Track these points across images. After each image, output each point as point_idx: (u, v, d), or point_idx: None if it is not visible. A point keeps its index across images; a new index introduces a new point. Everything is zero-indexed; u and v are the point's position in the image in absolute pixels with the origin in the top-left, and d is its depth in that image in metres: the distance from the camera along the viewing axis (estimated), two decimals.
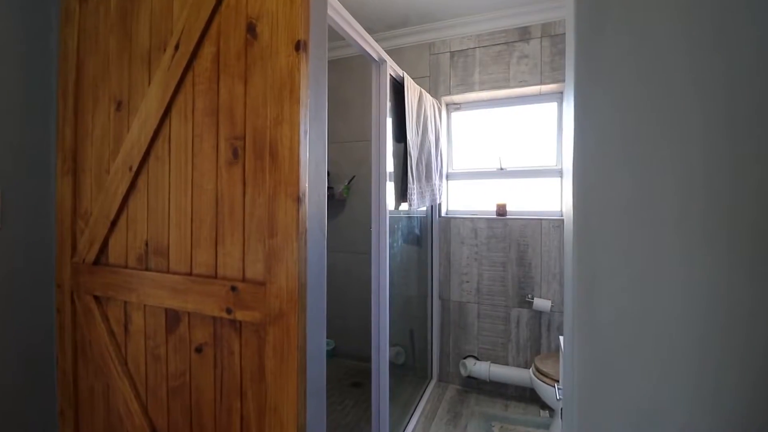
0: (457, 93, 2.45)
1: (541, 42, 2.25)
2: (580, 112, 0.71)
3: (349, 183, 2.76)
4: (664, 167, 0.65)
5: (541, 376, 1.82)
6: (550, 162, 2.43)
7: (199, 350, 0.92)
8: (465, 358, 2.47)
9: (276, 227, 0.79)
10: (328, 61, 0.97)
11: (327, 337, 2.89)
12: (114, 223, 1.06)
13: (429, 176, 2.13)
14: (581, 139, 0.71)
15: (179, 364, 0.95)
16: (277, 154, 0.80)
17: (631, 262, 0.66)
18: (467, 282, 2.47)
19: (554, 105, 2.40)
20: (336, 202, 2.84)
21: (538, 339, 2.31)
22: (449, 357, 2.53)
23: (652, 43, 0.66)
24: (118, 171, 1.04)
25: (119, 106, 1.08)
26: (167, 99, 0.95)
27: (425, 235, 2.52)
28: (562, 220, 2.24)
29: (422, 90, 2.06)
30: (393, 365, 2.37)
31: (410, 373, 2.48)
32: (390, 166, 1.83)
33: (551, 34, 2.22)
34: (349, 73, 2.77)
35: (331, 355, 2.82)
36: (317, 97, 0.87)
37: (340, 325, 2.82)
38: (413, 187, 1.95)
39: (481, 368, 2.36)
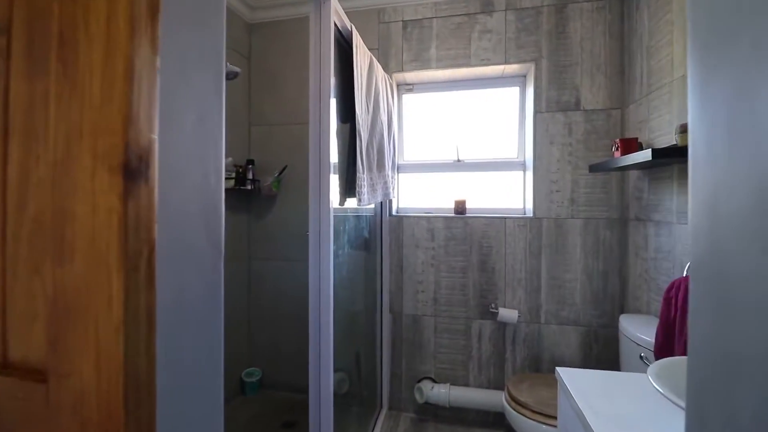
0: (412, 70, 2.08)
1: (505, 15, 1.97)
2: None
3: (279, 175, 2.25)
4: None
5: (518, 407, 1.51)
6: (512, 154, 2.17)
7: None
8: (420, 381, 2.11)
9: (72, 239, 0.32)
10: (250, 24, 0.50)
11: (252, 366, 2.36)
12: None
13: (381, 165, 1.73)
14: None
15: None
16: (78, 57, 0.33)
17: None
18: (422, 292, 2.12)
19: (516, 90, 2.14)
20: (263, 199, 2.31)
21: (502, 354, 2.03)
22: (402, 381, 2.16)
23: None
24: None
25: None
26: None
27: (374, 237, 2.12)
28: (528, 218, 1.98)
29: (372, 56, 1.65)
30: (335, 396, 1.94)
31: (356, 403, 2.06)
32: (334, 152, 1.40)
33: (517, 7, 1.95)
34: (280, 40, 2.27)
35: (257, 387, 2.28)
36: None
37: (269, 350, 2.30)
38: (363, 177, 1.53)
39: (439, 392, 2.02)
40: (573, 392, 0.94)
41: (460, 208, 2.11)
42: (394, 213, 2.21)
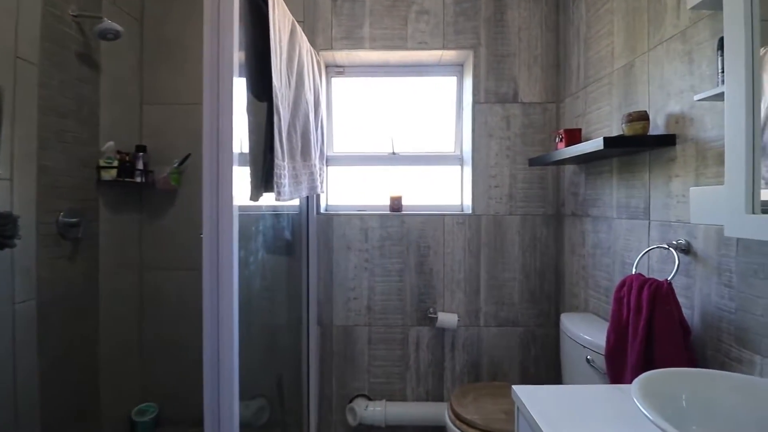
0: (342, 49, 1.84)
1: None
2: None
3: (180, 165, 1.85)
4: None
5: (464, 427, 1.35)
6: (449, 148, 2.04)
7: None
8: (353, 399, 1.87)
9: None
10: None
11: (146, 401, 1.91)
12: None
13: (306, 153, 1.46)
14: None
15: None
16: None
17: None
18: (355, 299, 1.88)
19: (453, 80, 2.02)
20: (158, 194, 1.88)
21: (441, 362, 1.88)
22: (332, 402, 1.89)
23: None
24: None
25: None
26: None
27: (298, 239, 1.83)
28: (467, 215, 1.86)
29: (296, 23, 1.37)
30: (251, 428, 1.61)
31: None
32: (242, 141, 1.12)
33: None
34: (181, 1, 1.87)
35: (152, 426, 1.84)
36: None
37: (168, 380, 1.87)
38: (284, 166, 1.25)
39: (374, 411, 1.80)
40: (537, 417, 0.78)
41: (396, 204, 1.92)
42: (322, 211, 1.94)
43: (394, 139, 2.02)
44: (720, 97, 0.87)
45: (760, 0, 0.70)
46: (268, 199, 1.31)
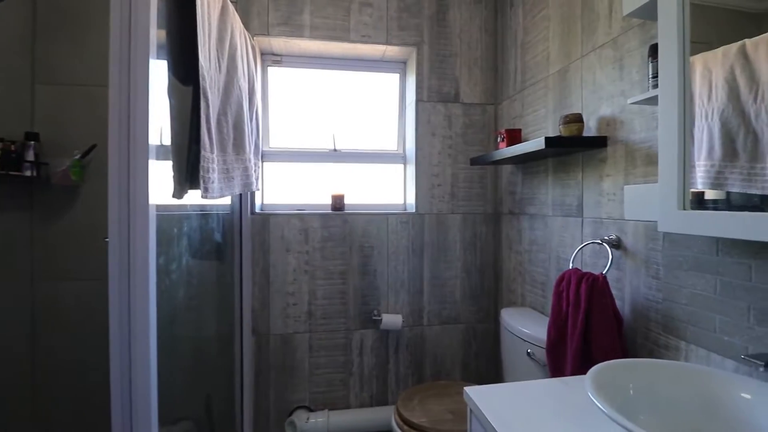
0: (280, 35, 1.71)
1: None
2: None
3: (83, 157, 1.58)
4: None
5: (412, 431, 1.31)
6: (392, 146, 2.01)
7: None
8: (293, 412, 1.75)
9: None
10: None
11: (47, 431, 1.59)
12: None
13: (240, 145, 1.32)
14: None
15: None
16: None
17: None
18: (294, 305, 1.76)
19: (396, 77, 1.99)
20: (55, 191, 1.59)
21: (385, 365, 1.84)
22: (269, 417, 1.75)
23: None
24: None
25: None
26: None
27: (230, 242, 1.66)
28: (411, 214, 1.84)
29: (228, 1, 1.23)
30: None
31: None
32: (162, 130, 0.97)
33: None
34: None
35: None
36: None
37: (67, 413, 1.59)
38: (213, 159, 1.10)
39: (316, 422, 1.70)
40: (491, 419, 0.76)
41: (338, 203, 1.83)
42: (257, 210, 1.79)
43: (335, 136, 1.93)
44: (650, 101, 0.93)
45: (691, 10, 0.75)
46: (196, 197, 1.16)
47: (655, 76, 0.90)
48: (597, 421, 0.75)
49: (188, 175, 1.11)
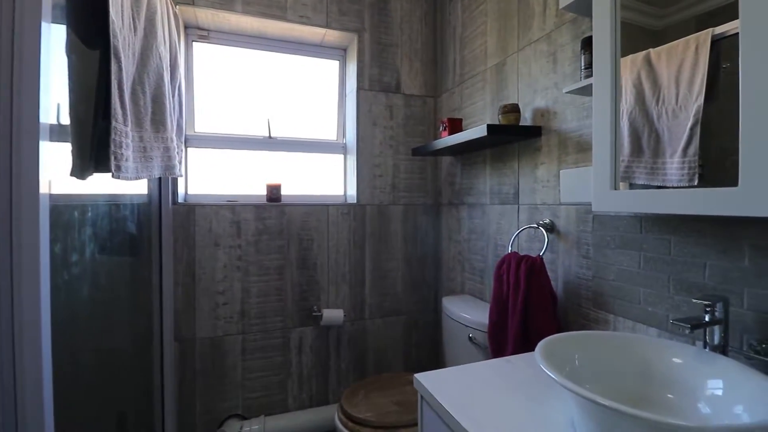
0: (207, 7, 1.55)
1: None
2: None
3: None
4: None
5: (358, 428, 1.26)
6: (332, 135, 1.94)
7: None
8: (224, 422, 1.59)
9: None
10: None
11: None
12: None
13: (160, 121, 1.15)
14: None
15: None
16: None
17: None
18: (225, 305, 1.61)
19: (336, 65, 1.92)
20: None
21: (326, 363, 1.76)
22: (195, 430, 1.58)
23: None
24: None
25: None
26: None
27: (147, 235, 1.46)
28: (352, 205, 1.79)
29: None
30: None
31: None
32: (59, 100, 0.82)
33: None
34: None
35: None
36: None
37: None
38: (125, 132, 0.95)
39: (251, 430, 1.56)
40: (444, 403, 0.75)
41: (274, 194, 1.71)
42: (180, 200, 1.60)
43: (271, 122, 1.81)
44: (582, 91, 0.99)
45: (621, 6, 0.81)
46: (105, 182, 0.99)
47: (588, 67, 0.97)
48: (543, 393, 0.77)
49: (93, 153, 0.94)
